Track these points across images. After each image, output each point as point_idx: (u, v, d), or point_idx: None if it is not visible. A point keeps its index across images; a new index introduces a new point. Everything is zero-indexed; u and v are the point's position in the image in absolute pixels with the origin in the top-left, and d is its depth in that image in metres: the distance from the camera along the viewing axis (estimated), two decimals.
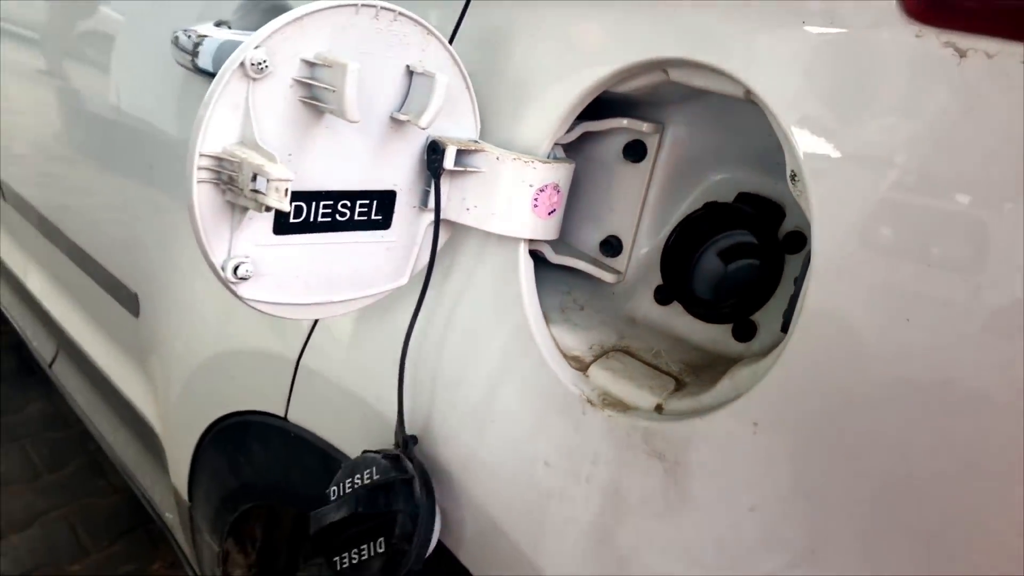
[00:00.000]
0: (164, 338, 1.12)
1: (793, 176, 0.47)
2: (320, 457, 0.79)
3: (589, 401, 0.57)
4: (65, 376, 1.74)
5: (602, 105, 0.60)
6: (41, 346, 1.85)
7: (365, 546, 0.62)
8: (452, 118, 0.58)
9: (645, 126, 0.60)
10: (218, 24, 0.88)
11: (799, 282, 0.49)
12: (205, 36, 0.86)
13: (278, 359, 0.83)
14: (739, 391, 0.50)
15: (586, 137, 0.62)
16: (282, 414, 0.84)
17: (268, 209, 0.48)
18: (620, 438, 0.55)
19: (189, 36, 0.88)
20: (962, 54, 0.40)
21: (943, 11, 0.41)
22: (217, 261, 0.51)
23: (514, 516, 0.60)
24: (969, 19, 0.40)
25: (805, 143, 0.46)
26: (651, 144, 0.61)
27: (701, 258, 0.61)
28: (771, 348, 0.51)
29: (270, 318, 0.80)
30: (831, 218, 0.45)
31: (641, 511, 0.53)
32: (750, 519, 0.49)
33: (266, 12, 0.86)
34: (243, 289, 0.53)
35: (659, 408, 0.55)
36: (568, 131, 0.60)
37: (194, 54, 0.87)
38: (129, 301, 1.23)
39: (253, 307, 0.55)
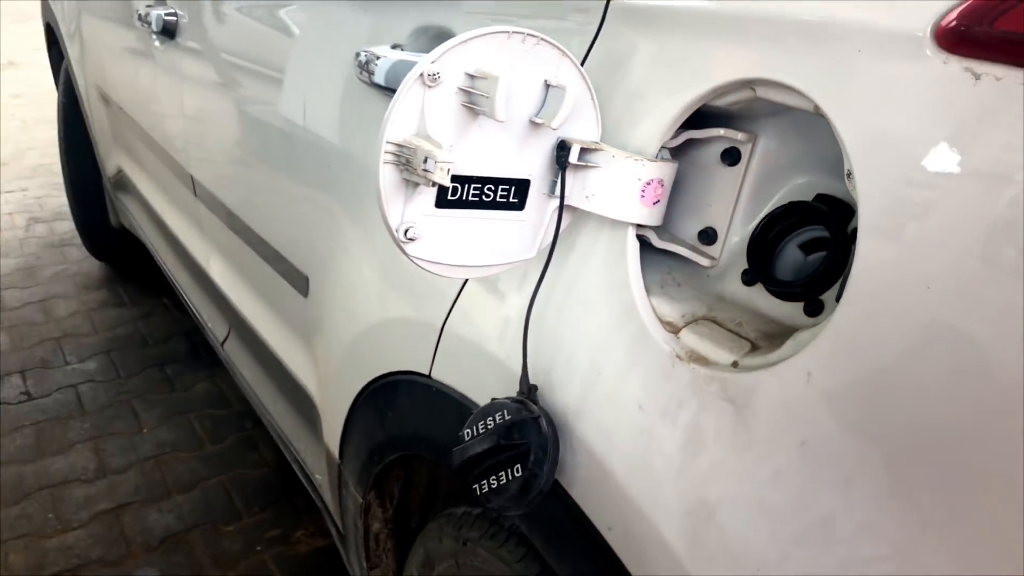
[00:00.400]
0: (329, 313, 1.31)
1: (848, 174, 0.59)
2: (455, 407, 0.94)
3: (678, 356, 0.69)
4: (234, 353, 1.98)
5: (705, 117, 0.73)
6: (215, 327, 2.10)
7: (503, 473, 0.76)
8: (578, 123, 0.72)
9: (740, 136, 0.73)
10: (394, 47, 1.05)
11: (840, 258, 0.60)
12: (381, 56, 1.04)
13: (426, 325, 0.99)
14: (798, 350, 0.62)
15: (690, 143, 0.74)
16: (427, 372, 1.00)
17: (434, 184, 0.63)
18: (701, 386, 0.67)
19: (368, 56, 1.06)
20: (977, 77, 0.51)
21: (964, 43, 0.52)
22: (393, 224, 0.67)
23: (613, 453, 0.73)
24: (983, 50, 0.51)
25: (854, 146, 0.57)
26: (744, 151, 0.73)
27: (783, 248, 0.72)
28: None
29: (421, 291, 0.96)
30: (873, 207, 0.56)
31: (714, 445, 0.65)
32: (800, 452, 0.60)
33: (433, 38, 1.03)
34: (410, 248, 0.69)
35: (735, 364, 0.67)
36: (673, 137, 0.73)
37: (371, 71, 1.05)
38: (300, 283, 1.43)
39: (416, 263, 0.71)
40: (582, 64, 0.75)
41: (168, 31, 1.85)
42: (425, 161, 0.63)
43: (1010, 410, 0.49)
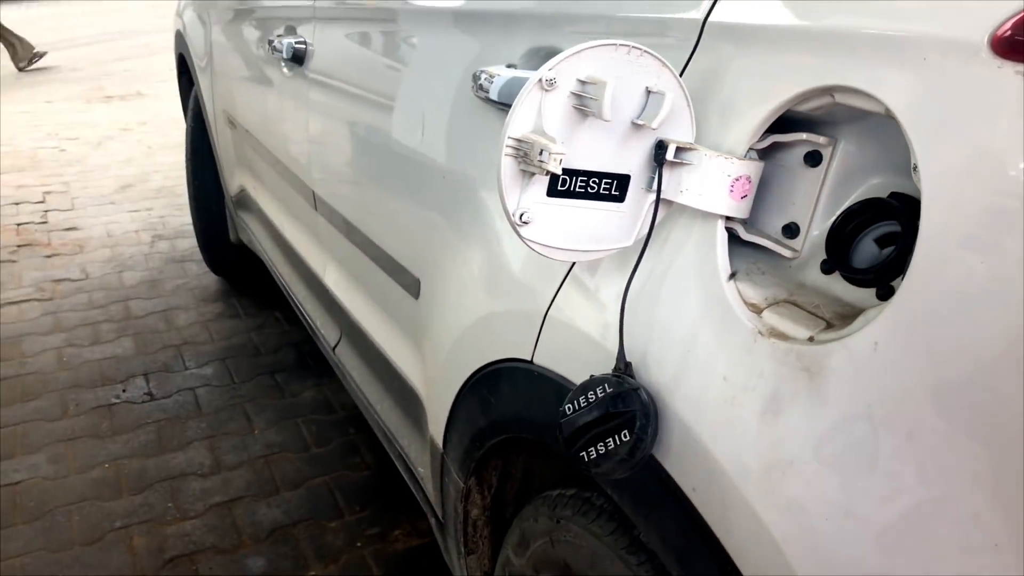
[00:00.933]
0: (439, 312, 1.43)
1: (914, 167, 0.67)
2: (554, 388, 1.03)
3: (760, 332, 0.77)
4: (345, 356, 2.12)
5: (790, 122, 0.81)
6: (327, 333, 2.25)
7: (610, 439, 0.84)
8: (676, 126, 0.82)
9: (821, 140, 0.81)
10: (509, 66, 1.17)
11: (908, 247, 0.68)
12: (496, 75, 1.16)
13: (530, 314, 1.09)
14: (867, 324, 0.69)
15: (776, 146, 0.83)
16: (529, 358, 1.10)
17: (548, 173, 0.74)
18: (779, 358, 0.75)
19: (484, 74, 1.18)
20: None
21: (1016, 50, 0.60)
22: (511, 209, 0.78)
23: (700, 421, 0.82)
24: None
25: (919, 142, 0.65)
26: (826, 154, 0.81)
27: (859, 241, 0.80)
28: None
29: (526, 283, 1.07)
30: (934, 194, 0.64)
31: (790, 410, 0.73)
32: (867, 414, 0.68)
33: (544, 56, 1.15)
34: (524, 231, 0.80)
35: (811, 339, 0.74)
36: (760, 140, 0.81)
37: (486, 89, 1.17)
38: (412, 286, 1.56)
39: (529, 245, 0.81)
40: (680, 75, 0.85)
41: (297, 58, 2.02)
42: (541, 153, 0.74)
43: None
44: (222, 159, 3.23)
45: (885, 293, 0.76)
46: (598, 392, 0.86)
